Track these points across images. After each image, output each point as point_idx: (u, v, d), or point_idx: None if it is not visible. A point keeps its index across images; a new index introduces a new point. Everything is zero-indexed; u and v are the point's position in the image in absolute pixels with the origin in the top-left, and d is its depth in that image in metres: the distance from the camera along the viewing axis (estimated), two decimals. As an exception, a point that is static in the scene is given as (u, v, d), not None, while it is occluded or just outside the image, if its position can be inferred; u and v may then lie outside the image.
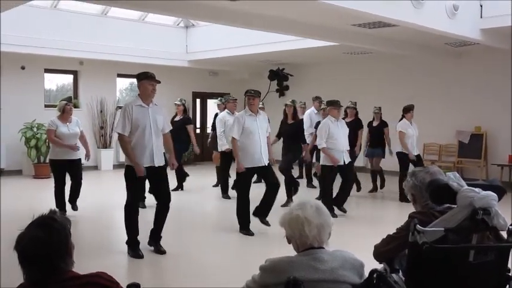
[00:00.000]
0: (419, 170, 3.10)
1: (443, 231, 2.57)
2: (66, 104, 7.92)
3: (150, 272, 5.56)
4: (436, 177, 2.94)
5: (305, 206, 2.46)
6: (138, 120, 5.64)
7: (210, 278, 5.17)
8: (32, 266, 2.08)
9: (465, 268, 2.62)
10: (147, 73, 5.79)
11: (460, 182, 2.72)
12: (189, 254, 6.10)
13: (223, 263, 5.83)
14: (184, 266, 5.65)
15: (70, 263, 2.16)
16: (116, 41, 12.86)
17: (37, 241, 2.06)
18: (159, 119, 5.81)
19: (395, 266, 2.98)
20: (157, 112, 5.83)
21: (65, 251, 2.13)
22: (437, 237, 2.56)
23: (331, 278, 2.33)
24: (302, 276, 2.27)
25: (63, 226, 2.16)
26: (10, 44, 11.19)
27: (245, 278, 2.58)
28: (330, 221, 2.47)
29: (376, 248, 3.04)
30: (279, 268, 2.36)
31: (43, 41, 11.66)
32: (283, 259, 2.42)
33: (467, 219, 2.56)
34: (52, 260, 2.07)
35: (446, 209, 2.77)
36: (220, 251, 6.39)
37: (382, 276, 2.49)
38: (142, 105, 5.71)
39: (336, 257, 2.40)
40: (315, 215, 2.43)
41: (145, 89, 5.73)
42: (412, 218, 2.74)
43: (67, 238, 2.15)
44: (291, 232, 2.46)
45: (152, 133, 5.71)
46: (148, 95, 5.74)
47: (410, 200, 3.11)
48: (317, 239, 2.41)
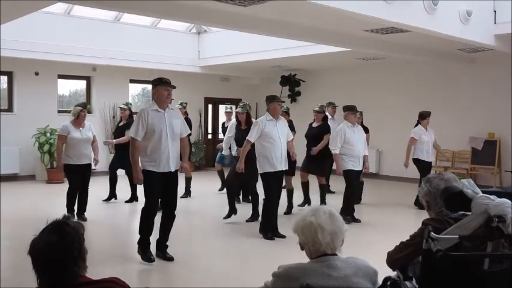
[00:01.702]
0: (434, 176, 3.07)
1: (458, 238, 2.55)
2: (81, 110, 8.04)
3: (160, 279, 5.55)
4: (451, 184, 2.92)
5: (318, 212, 2.45)
6: (153, 125, 5.66)
7: (221, 284, 5.16)
8: (45, 271, 2.09)
9: (480, 276, 2.58)
10: (162, 79, 5.81)
11: (475, 189, 2.69)
12: (199, 260, 6.08)
13: (235, 269, 5.81)
14: (195, 272, 5.64)
15: (83, 268, 2.17)
16: (129, 47, 12.94)
17: (51, 246, 2.07)
18: (175, 123, 5.83)
19: (409, 274, 2.95)
20: (173, 116, 5.85)
21: (78, 256, 2.13)
22: (452, 245, 2.54)
23: (344, 285, 2.32)
24: (315, 283, 2.26)
25: (77, 231, 2.17)
26: (24, 50, 11.35)
27: (257, 285, 2.57)
28: (343, 227, 2.46)
29: (389, 255, 3.01)
30: (292, 275, 2.35)
31: (57, 47, 11.76)
32: (296, 266, 2.40)
33: (482, 227, 2.53)
34: (65, 264, 2.08)
35: (460, 216, 2.74)
36: (231, 257, 6.39)
37: (396, 284, 2.47)
38: (158, 110, 5.73)
39: (349, 264, 2.39)
40: (328, 222, 2.42)
41: (161, 95, 5.75)
42: (426, 224, 2.72)
43: (80, 243, 2.16)
44: (304, 239, 2.45)
45: (168, 138, 5.72)
46: (163, 101, 5.76)
47: (425, 206, 3.08)
48: (330, 246, 2.40)
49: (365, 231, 7.58)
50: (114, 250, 6.46)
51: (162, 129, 5.69)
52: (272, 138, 6.93)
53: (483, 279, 2.59)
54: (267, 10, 7.51)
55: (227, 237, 7.35)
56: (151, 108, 5.75)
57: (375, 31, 8.94)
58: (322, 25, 8.78)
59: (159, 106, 5.75)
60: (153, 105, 5.80)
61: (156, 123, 5.67)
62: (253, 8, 7.36)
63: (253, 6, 7.24)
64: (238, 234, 7.40)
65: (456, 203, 2.73)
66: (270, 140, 6.92)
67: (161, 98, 5.75)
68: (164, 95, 5.74)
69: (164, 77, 5.90)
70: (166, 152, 5.70)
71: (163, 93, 5.74)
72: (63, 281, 2.08)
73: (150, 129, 5.66)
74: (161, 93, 5.74)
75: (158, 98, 5.77)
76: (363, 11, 7.02)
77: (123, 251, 6.47)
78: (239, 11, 7.54)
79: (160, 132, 5.68)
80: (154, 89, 5.82)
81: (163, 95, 5.74)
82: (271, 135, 6.93)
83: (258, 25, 8.47)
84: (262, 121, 7.03)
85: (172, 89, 5.81)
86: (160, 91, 5.75)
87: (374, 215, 8.51)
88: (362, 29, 8.82)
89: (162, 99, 5.75)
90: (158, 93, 5.77)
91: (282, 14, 7.93)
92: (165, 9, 7.52)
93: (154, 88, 5.82)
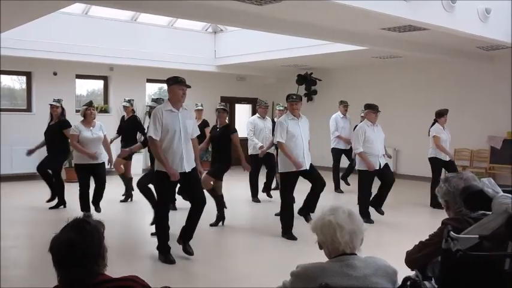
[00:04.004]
0: (453, 176, 3.04)
1: (478, 238, 2.52)
2: (87, 109, 8.02)
3: (179, 277, 5.53)
4: (470, 183, 2.89)
5: (337, 211, 2.44)
6: (168, 125, 5.62)
7: (241, 284, 5.16)
8: (65, 268, 2.11)
9: (500, 277, 2.54)
10: (177, 78, 5.77)
11: (495, 188, 2.67)
12: (219, 259, 6.10)
13: (254, 268, 5.79)
14: (214, 271, 5.64)
15: (103, 266, 2.19)
16: (146, 46, 13.02)
17: (71, 244, 2.09)
18: (188, 123, 5.80)
19: (428, 274, 2.93)
20: (187, 117, 5.83)
21: (98, 254, 2.15)
22: (472, 245, 2.51)
23: (363, 285, 2.30)
24: (334, 282, 2.25)
25: (97, 229, 2.19)
26: (43, 50, 11.49)
27: (276, 284, 2.57)
28: (362, 227, 2.45)
29: (408, 254, 2.99)
30: (311, 274, 2.34)
31: (74, 47, 11.87)
32: (314, 265, 2.39)
33: (502, 227, 2.50)
34: (85, 262, 2.10)
35: (480, 216, 2.72)
36: (251, 256, 6.39)
37: (416, 284, 2.45)
38: (172, 110, 5.70)
39: (368, 263, 2.37)
40: (348, 221, 2.40)
41: (176, 94, 5.71)
42: (445, 224, 2.69)
43: (100, 241, 2.18)
44: (323, 238, 2.44)
45: (182, 138, 5.69)
46: (178, 100, 5.73)
47: (443, 206, 3.05)
48: (349, 245, 2.39)
49: (382, 231, 7.54)
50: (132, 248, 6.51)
51: (176, 130, 5.66)
52: (294, 137, 6.94)
53: (503, 279, 2.56)
54: (283, 9, 7.51)
55: (245, 236, 7.36)
56: (166, 108, 5.71)
57: (392, 29, 8.88)
58: (338, 24, 8.74)
59: (173, 106, 5.72)
60: (167, 104, 5.76)
61: (170, 124, 5.63)
62: (269, 7, 7.36)
63: (270, 5, 7.24)
64: (255, 233, 7.40)
65: (476, 202, 2.70)
66: (292, 138, 6.93)
67: (176, 97, 5.72)
68: (179, 94, 5.70)
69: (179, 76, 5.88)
70: (179, 152, 5.66)
71: (178, 92, 5.70)
72: (83, 279, 2.10)
73: (164, 129, 5.62)
74: (176, 92, 5.71)
75: (173, 97, 5.74)
76: (380, 9, 6.98)
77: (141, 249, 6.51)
78: (255, 10, 7.54)
79: (174, 132, 5.64)
80: (170, 87, 5.78)
81: (178, 94, 5.70)
82: (293, 133, 6.94)
83: (274, 24, 8.46)
84: (285, 120, 7.03)
85: (187, 89, 5.78)
86: (175, 90, 5.72)
87: (392, 214, 8.45)
88: (379, 27, 8.77)
89: (177, 98, 5.72)
90: (173, 92, 5.73)
91: (298, 13, 7.90)
92: (181, 9, 7.54)
93: (170, 87, 5.78)
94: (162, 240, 5.82)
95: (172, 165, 5.63)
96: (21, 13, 7.64)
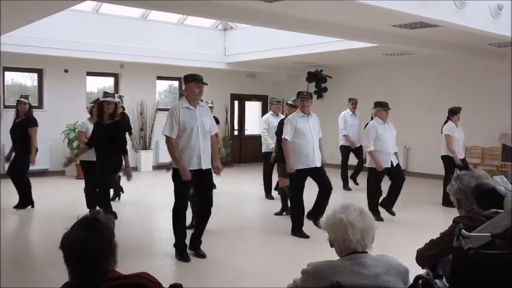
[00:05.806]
0: (465, 173, 3.02)
1: (490, 236, 2.49)
2: (93, 107, 8.05)
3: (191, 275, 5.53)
4: (482, 181, 2.87)
5: (349, 209, 2.42)
6: (185, 122, 5.61)
7: (252, 282, 5.16)
8: (76, 265, 2.11)
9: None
10: (194, 75, 5.76)
11: (507, 186, 2.65)
12: (232, 257, 6.09)
13: (266, 266, 5.80)
14: (224, 269, 5.65)
15: (113, 263, 2.19)
16: (156, 44, 13.06)
17: (81, 241, 2.09)
18: (205, 120, 5.79)
19: (439, 272, 2.91)
20: (204, 114, 5.81)
21: (109, 251, 2.15)
22: (483, 243, 2.49)
23: (375, 283, 2.28)
24: (345, 280, 2.24)
25: (107, 226, 2.19)
26: (54, 47, 11.57)
27: (287, 282, 2.56)
28: (373, 225, 2.43)
29: (419, 252, 2.98)
30: (322, 272, 2.33)
31: (85, 44, 11.94)
32: (325, 263, 2.38)
33: (514, 225, 2.48)
34: (96, 259, 2.10)
35: (492, 214, 2.69)
36: (263, 254, 6.41)
37: (427, 282, 2.43)
38: (189, 107, 5.69)
39: (380, 262, 2.35)
40: (359, 219, 2.39)
41: (192, 92, 5.71)
42: (456, 222, 2.68)
43: (110, 238, 2.18)
44: (334, 236, 2.43)
45: (199, 135, 5.67)
46: (195, 98, 5.72)
47: (455, 204, 3.03)
48: (360, 243, 2.37)
49: (393, 229, 7.50)
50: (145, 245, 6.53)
51: (194, 127, 5.64)
52: (304, 134, 6.92)
53: (516, 278, 2.54)
54: (294, 6, 7.49)
55: (256, 235, 7.37)
56: (182, 106, 5.70)
57: (403, 26, 8.83)
58: (349, 21, 8.71)
59: (190, 103, 5.72)
60: (183, 102, 5.76)
61: (187, 121, 5.62)
62: (279, 5, 7.34)
63: (280, 3, 7.23)
64: (267, 231, 7.39)
65: (488, 200, 2.69)
66: (301, 136, 6.91)
67: (193, 95, 5.71)
68: (196, 92, 5.70)
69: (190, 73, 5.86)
70: (197, 150, 5.65)
71: (194, 90, 5.70)
72: (94, 276, 2.10)
73: (181, 126, 5.61)
74: (193, 90, 5.71)
75: (190, 94, 5.73)
76: (390, 5, 6.94)
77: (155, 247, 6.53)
78: (266, 7, 7.53)
79: (192, 130, 5.63)
80: (186, 85, 5.78)
81: (194, 92, 5.70)
82: (303, 130, 6.92)
83: (285, 21, 8.44)
84: (294, 117, 7.02)
85: (203, 86, 5.77)
86: (192, 88, 5.71)
87: (402, 212, 8.40)
88: (390, 24, 8.73)
89: (194, 96, 5.71)
90: (190, 89, 5.73)
91: (308, 10, 7.88)
92: (191, 6, 7.55)
93: (186, 84, 5.77)
94: (179, 238, 5.81)
95: (190, 163, 5.63)
96: (32, 11, 7.69)
